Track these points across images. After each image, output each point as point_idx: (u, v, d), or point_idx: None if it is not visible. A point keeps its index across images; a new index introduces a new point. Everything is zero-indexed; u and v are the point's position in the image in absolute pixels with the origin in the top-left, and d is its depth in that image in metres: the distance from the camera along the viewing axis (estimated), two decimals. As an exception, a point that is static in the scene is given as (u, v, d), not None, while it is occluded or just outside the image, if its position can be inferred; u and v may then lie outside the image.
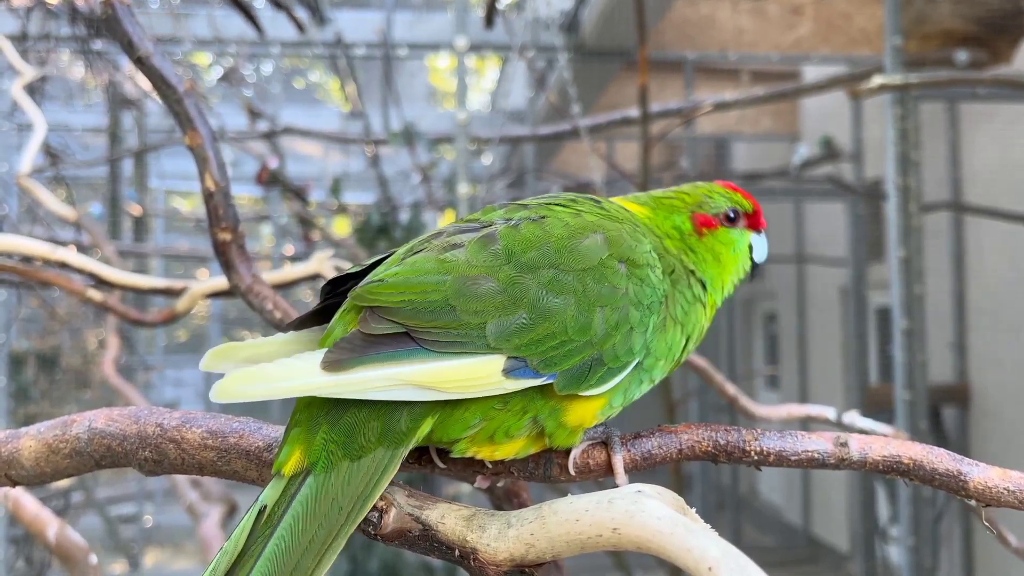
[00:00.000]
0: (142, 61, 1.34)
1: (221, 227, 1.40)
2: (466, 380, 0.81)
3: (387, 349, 0.80)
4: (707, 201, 1.04)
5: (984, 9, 4.86)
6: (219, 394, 0.77)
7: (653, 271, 0.91)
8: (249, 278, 1.44)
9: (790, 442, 0.88)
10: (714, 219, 1.04)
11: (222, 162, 1.40)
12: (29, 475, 0.99)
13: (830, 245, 8.20)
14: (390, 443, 0.81)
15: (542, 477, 0.91)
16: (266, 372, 0.78)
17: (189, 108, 1.36)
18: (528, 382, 0.83)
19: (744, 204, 1.06)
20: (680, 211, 1.04)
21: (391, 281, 0.85)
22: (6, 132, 5.12)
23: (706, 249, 1.02)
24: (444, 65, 10.58)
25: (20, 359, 6.23)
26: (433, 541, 0.81)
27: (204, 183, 1.38)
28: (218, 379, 0.81)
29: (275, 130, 6.38)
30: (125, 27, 1.32)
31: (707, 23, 6.68)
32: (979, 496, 0.83)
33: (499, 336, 0.82)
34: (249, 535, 0.78)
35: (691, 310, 0.97)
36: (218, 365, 0.86)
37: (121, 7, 1.31)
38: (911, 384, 3.79)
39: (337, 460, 0.79)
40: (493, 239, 0.88)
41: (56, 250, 1.97)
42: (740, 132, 8.76)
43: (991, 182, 6.06)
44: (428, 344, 0.81)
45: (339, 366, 0.78)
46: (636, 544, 0.69)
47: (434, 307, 0.82)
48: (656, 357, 0.92)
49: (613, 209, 0.98)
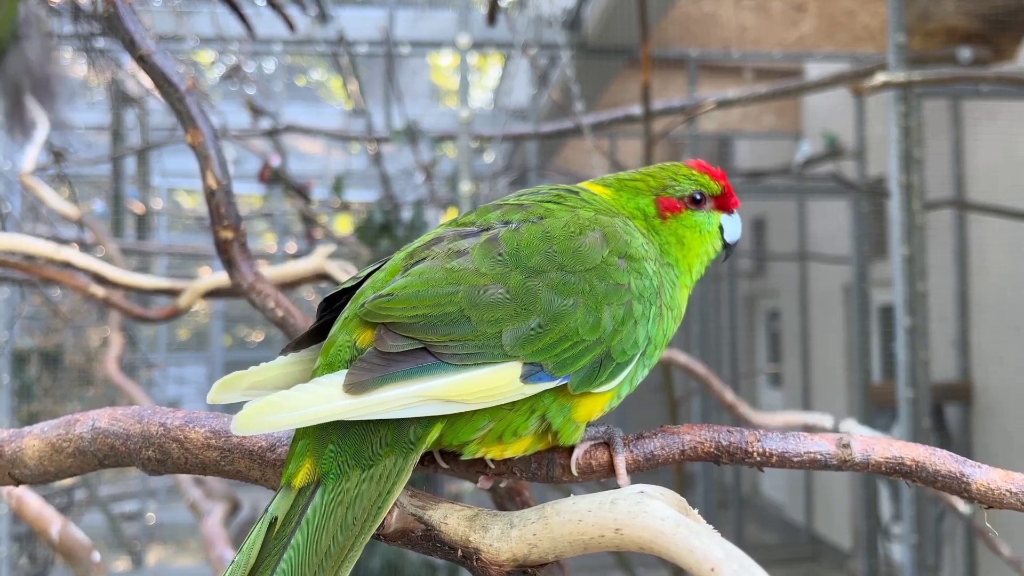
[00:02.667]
0: (144, 59, 1.34)
1: (223, 225, 1.40)
2: (487, 390, 0.81)
3: (407, 366, 0.80)
4: (671, 184, 1.03)
5: (988, 6, 4.84)
6: (242, 426, 0.75)
7: (648, 263, 0.93)
8: (251, 276, 1.44)
9: (793, 443, 0.88)
10: (679, 202, 1.03)
11: (224, 160, 1.39)
12: (33, 474, 0.99)
13: (833, 243, 8.19)
14: (401, 451, 0.81)
15: (545, 477, 0.91)
16: (288, 400, 0.77)
17: (191, 106, 1.36)
18: (544, 385, 0.84)
19: (711, 185, 1.04)
20: (644, 194, 1.03)
21: (402, 295, 0.84)
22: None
23: (670, 232, 1.02)
24: (446, 63, 10.57)
25: (23, 357, 6.24)
26: (436, 541, 0.82)
27: (206, 181, 1.38)
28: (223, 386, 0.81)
29: (277, 128, 6.38)
30: (127, 25, 1.32)
31: (710, 20, 6.66)
32: (982, 498, 0.83)
33: (515, 343, 0.83)
34: (262, 548, 0.77)
35: (675, 294, 0.98)
36: (225, 396, 0.85)
37: (123, 5, 1.31)
38: (914, 382, 3.79)
39: (348, 470, 0.79)
40: (496, 243, 0.88)
41: (60, 249, 1.98)
42: (743, 129, 8.75)
43: (994, 179, 6.04)
44: (447, 357, 0.81)
45: (362, 388, 0.78)
46: (639, 545, 0.69)
47: (449, 319, 0.82)
48: (655, 345, 0.94)
49: (595, 200, 0.99)
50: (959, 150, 6.38)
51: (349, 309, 0.88)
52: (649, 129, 3.83)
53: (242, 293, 1.45)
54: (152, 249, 6.16)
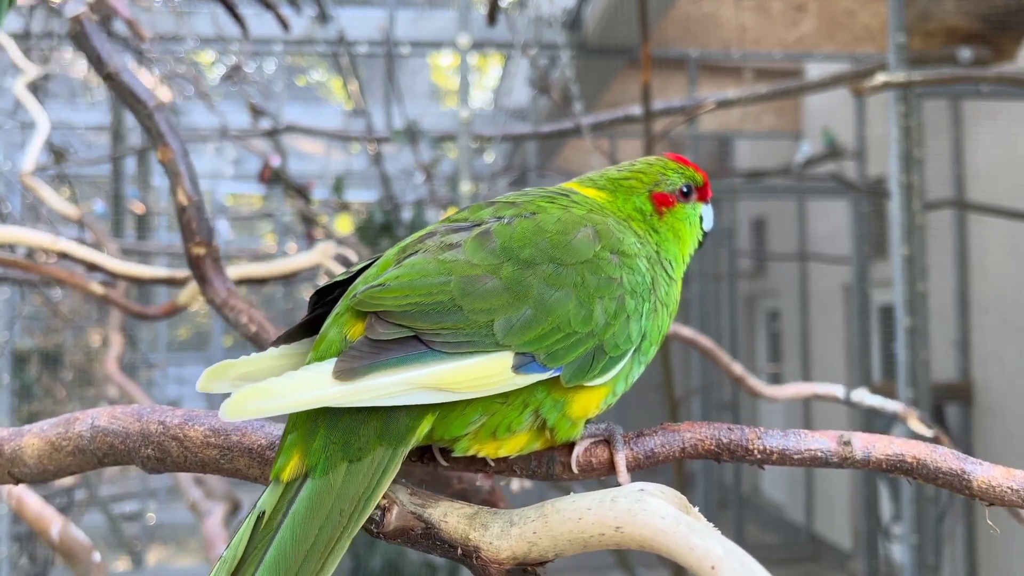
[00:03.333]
0: (111, 77, 1.34)
1: (195, 241, 1.39)
2: (478, 379, 0.80)
3: (397, 354, 0.80)
4: (663, 179, 1.05)
5: (988, 6, 4.85)
6: (230, 412, 0.75)
7: (641, 260, 0.93)
8: (224, 292, 1.43)
9: (793, 441, 0.88)
10: (671, 196, 1.05)
11: (194, 176, 1.39)
12: (32, 472, 0.99)
13: (833, 243, 8.19)
14: (390, 443, 0.80)
15: (545, 475, 0.91)
16: (277, 387, 0.77)
17: (160, 123, 1.36)
18: (536, 376, 0.83)
19: (696, 177, 1.08)
20: (639, 192, 1.04)
21: (393, 285, 0.84)
22: (9, 130, 5.13)
23: (667, 228, 1.04)
24: (447, 63, 10.58)
25: (23, 357, 6.25)
26: (436, 539, 0.81)
27: (176, 198, 1.37)
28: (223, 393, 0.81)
29: (278, 128, 6.38)
30: (93, 44, 1.33)
31: (710, 20, 6.67)
32: (983, 495, 0.82)
33: (507, 333, 0.82)
34: (248, 542, 0.77)
35: (671, 291, 0.99)
36: (215, 385, 0.85)
37: (89, 24, 1.32)
38: (914, 382, 3.79)
39: (336, 462, 0.79)
40: (489, 236, 0.88)
41: (58, 240, 1.98)
42: (743, 130, 8.75)
43: (994, 179, 6.04)
44: (437, 346, 0.81)
45: (352, 375, 0.77)
46: (639, 543, 0.69)
47: (441, 308, 0.82)
48: (650, 341, 0.94)
49: (586, 202, 0.99)
50: (959, 150, 6.38)
51: (341, 304, 0.88)
52: (649, 129, 3.83)
53: (215, 309, 1.45)
54: (152, 249, 6.15)
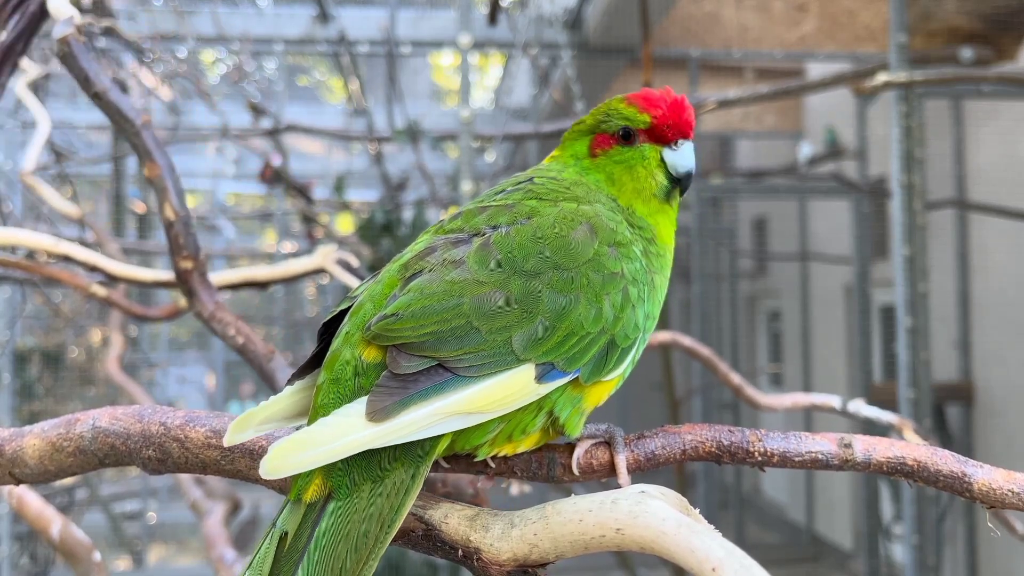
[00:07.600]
0: (99, 96, 1.36)
1: (183, 256, 1.41)
2: (505, 396, 0.81)
3: (424, 384, 0.80)
4: (605, 120, 1.00)
5: (989, 6, 4.84)
6: (270, 470, 0.74)
7: (636, 246, 0.93)
8: (212, 305, 1.44)
9: (794, 443, 0.88)
10: (611, 138, 1.00)
11: (181, 192, 1.41)
12: (33, 473, 0.99)
13: (834, 243, 8.19)
14: (412, 462, 0.80)
15: (546, 477, 0.91)
16: (314, 436, 0.76)
17: (147, 140, 1.38)
18: (558, 383, 0.85)
19: (636, 119, 0.99)
20: (583, 136, 1.02)
21: (407, 314, 0.83)
22: (10, 129, 5.13)
23: (598, 170, 1.00)
24: (448, 62, 10.58)
25: (25, 356, 6.25)
26: (436, 541, 0.81)
27: (164, 213, 1.39)
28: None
29: (278, 127, 6.38)
30: (81, 64, 1.34)
31: (711, 20, 6.66)
32: (983, 498, 0.82)
33: (526, 347, 0.83)
34: (273, 564, 0.77)
35: (663, 263, 0.98)
36: (240, 436, 0.85)
37: (77, 44, 1.33)
38: (915, 382, 3.78)
39: (359, 484, 0.79)
40: (490, 249, 0.88)
41: (59, 243, 1.98)
42: (744, 129, 8.75)
43: (996, 179, 6.03)
44: (462, 371, 0.81)
45: (384, 415, 0.77)
46: (640, 544, 0.69)
47: (459, 332, 0.82)
48: (653, 318, 0.95)
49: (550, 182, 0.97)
50: (961, 150, 6.37)
51: (349, 322, 0.88)
52: (650, 129, 3.81)
53: (203, 322, 1.45)
54: (153, 249, 6.15)
